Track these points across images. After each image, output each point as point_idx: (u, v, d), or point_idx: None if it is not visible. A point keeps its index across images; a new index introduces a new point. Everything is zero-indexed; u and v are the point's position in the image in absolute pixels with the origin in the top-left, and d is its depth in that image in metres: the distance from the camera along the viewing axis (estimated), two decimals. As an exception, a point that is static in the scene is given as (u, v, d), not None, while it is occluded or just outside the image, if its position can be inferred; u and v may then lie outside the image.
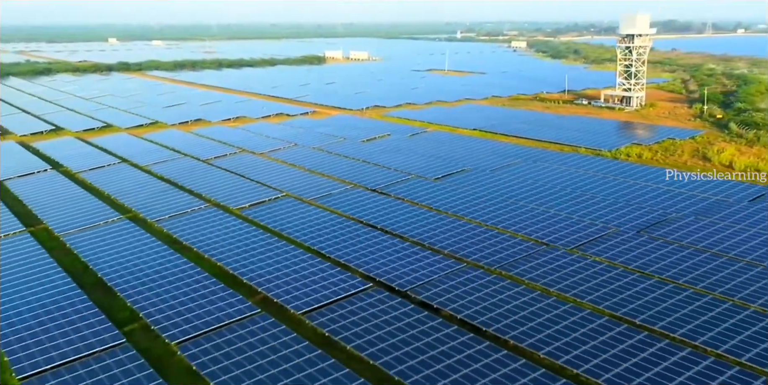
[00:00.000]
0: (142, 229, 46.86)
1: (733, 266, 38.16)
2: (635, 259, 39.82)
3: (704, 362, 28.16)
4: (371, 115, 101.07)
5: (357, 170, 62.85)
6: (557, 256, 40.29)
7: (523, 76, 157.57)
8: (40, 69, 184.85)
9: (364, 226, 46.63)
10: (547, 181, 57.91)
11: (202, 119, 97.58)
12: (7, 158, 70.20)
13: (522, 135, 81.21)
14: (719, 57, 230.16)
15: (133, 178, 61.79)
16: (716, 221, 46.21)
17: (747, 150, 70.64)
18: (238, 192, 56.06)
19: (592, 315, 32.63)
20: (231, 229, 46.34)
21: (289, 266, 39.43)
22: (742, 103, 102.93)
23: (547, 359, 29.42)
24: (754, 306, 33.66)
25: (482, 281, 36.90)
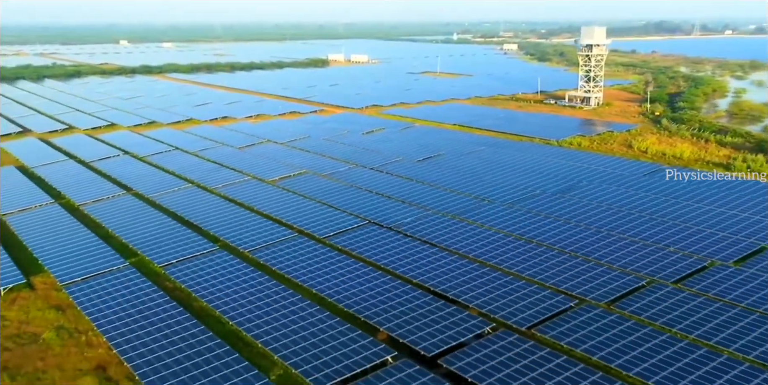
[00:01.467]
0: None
1: (621, 213, 56.94)
2: (555, 211, 58.44)
3: (519, 283, 46.98)
4: (370, 112, 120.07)
5: (358, 155, 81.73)
6: (494, 209, 59.16)
7: (506, 78, 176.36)
8: (71, 72, 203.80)
9: (364, 191, 65.44)
10: (500, 162, 76.88)
11: (228, 117, 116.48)
12: (82, 148, 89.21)
13: (492, 129, 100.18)
14: (692, 59, 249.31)
15: (186, 160, 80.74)
16: (621, 188, 64.91)
17: (665, 140, 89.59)
18: (269, 169, 74.93)
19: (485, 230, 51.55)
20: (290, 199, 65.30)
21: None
22: (683, 103, 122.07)
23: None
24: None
25: (446, 223, 55.77)
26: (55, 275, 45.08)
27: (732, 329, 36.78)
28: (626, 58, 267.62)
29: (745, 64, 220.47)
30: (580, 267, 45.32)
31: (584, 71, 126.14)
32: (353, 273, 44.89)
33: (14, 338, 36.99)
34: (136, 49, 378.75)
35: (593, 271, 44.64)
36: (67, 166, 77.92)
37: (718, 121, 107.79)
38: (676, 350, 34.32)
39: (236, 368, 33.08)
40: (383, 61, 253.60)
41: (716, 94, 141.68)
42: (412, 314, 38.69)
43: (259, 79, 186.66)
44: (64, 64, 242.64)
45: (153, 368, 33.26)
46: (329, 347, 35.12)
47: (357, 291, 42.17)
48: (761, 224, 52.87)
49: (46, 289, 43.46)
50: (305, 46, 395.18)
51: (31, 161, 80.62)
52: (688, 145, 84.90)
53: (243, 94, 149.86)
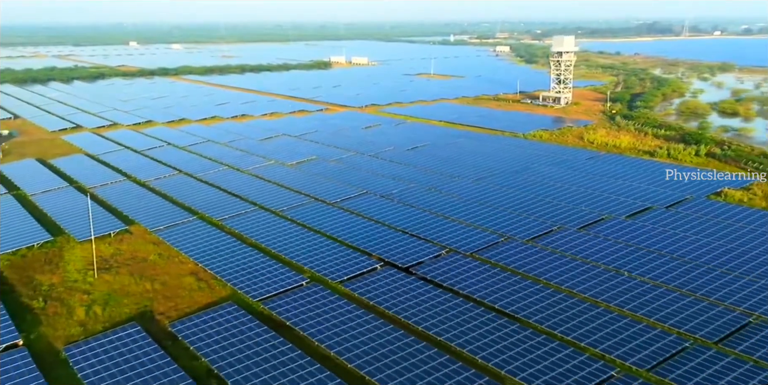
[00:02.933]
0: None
1: (555, 185, 75.50)
2: (507, 184, 76.87)
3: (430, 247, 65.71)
4: (369, 111, 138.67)
5: (359, 145, 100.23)
6: (462, 183, 77.70)
7: (493, 79, 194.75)
8: (95, 74, 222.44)
9: (363, 171, 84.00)
10: (473, 150, 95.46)
11: (246, 114, 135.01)
12: (130, 140, 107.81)
13: (472, 124, 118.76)
14: (669, 61, 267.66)
15: (218, 149, 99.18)
16: (567, 170, 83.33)
17: (612, 133, 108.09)
18: (287, 156, 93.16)
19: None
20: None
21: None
22: (641, 102, 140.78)
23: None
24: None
25: (425, 193, 74.32)
26: (144, 225, 63.68)
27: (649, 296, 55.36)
28: (610, 59, 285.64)
29: (716, 66, 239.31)
30: (509, 214, 63.94)
31: (555, 74, 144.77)
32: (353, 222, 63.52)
33: (130, 260, 55.57)
34: (146, 50, 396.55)
35: (518, 218, 63.21)
36: (125, 154, 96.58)
37: (667, 118, 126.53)
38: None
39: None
40: (382, 63, 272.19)
41: (675, 94, 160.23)
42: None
43: (268, 80, 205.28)
44: (85, 66, 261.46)
45: (229, 274, 51.89)
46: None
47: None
48: (652, 193, 71.56)
49: (140, 234, 62.02)
50: (308, 48, 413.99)
51: (94, 150, 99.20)
52: (629, 138, 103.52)
53: (256, 95, 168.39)
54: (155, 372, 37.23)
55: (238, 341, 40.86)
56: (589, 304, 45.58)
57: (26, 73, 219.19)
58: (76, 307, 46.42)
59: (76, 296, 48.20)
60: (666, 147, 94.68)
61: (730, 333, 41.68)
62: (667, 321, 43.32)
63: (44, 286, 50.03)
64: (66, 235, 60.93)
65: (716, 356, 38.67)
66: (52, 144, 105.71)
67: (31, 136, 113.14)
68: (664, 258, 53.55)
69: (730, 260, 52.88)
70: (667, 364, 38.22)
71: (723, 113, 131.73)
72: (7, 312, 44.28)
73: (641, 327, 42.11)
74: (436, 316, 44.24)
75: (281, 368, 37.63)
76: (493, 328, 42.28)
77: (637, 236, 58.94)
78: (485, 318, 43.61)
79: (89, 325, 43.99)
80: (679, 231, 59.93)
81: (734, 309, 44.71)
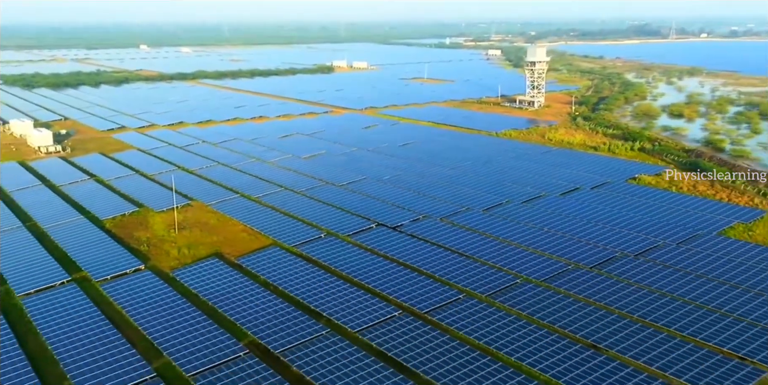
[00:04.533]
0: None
1: (505, 171, 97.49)
2: (475, 171, 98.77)
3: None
4: (368, 113, 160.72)
5: (359, 142, 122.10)
6: (441, 170, 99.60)
7: (480, 83, 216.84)
8: (120, 78, 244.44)
9: (363, 162, 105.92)
10: (452, 146, 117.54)
11: (263, 116, 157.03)
12: (171, 138, 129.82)
13: (455, 124, 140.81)
14: (645, 65, 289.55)
15: (245, 146, 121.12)
16: (524, 161, 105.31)
17: (570, 132, 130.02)
18: (302, 151, 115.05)
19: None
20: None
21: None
22: (603, 105, 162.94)
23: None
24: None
25: (413, 178, 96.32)
26: (201, 201, 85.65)
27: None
28: (592, 63, 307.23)
29: (686, 70, 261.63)
30: (472, 192, 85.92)
31: (530, 80, 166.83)
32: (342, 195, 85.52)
33: (196, 223, 77.42)
34: (157, 53, 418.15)
35: (478, 195, 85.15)
36: (169, 149, 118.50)
37: (622, 119, 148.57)
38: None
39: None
40: (380, 67, 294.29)
41: (636, 98, 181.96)
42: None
43: (278, 84, 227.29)
44: (107, 70, 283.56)
45: (269, 230, 73.88)
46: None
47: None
48: (583, 178, 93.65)
49: (199, 206, 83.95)
50: (310, 51, 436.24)
51: (143, 146, 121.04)
52: (583, 136, 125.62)
53: (268, 98, 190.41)
54: (234, 284, 59.08)
55: (282, 267, 62.79)
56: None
57: (58, 78, 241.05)
58: (170, 250, 68.53)
59: (167, 244, 70.30)
60: (609, 143, 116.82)
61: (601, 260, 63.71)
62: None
63: (143, 238, 72.07)
64: (145, 207, 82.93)
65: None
66: (106, 142, 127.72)
67: (85, 135, 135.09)
68: (575, 219, 75.49)
69: (619, 220, 74.87)
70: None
71: (672, 115, 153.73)
72: (127, 250, 66.45)
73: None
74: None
75: (310, 278, 59.57)
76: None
77: (567, 208, 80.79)
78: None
79: (182, 260, 66.00)
80: (594, 204, 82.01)
81: (604, 247, 66.72)
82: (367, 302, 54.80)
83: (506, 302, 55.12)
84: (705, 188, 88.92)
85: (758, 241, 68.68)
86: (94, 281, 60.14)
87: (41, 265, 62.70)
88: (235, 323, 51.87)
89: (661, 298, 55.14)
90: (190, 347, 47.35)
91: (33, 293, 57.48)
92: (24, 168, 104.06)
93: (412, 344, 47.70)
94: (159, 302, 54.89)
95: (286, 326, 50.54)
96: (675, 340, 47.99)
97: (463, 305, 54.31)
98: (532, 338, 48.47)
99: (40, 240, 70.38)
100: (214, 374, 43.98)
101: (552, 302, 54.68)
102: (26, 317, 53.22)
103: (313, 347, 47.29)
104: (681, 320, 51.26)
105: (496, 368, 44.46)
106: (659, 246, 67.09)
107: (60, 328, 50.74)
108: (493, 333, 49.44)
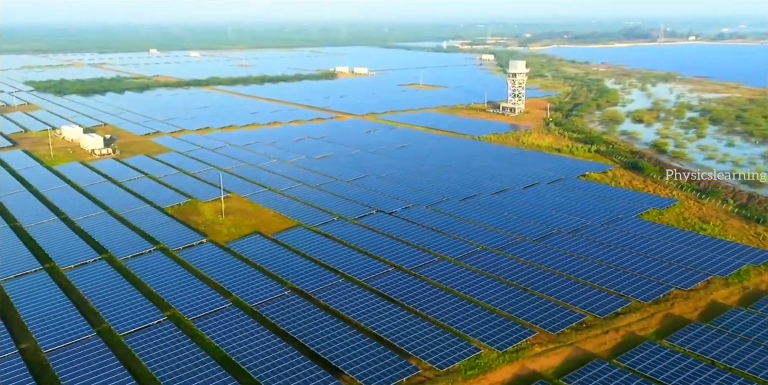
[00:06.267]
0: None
1: (480, 170, 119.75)
2: (457, 168, 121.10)
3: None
4: (369, 118, 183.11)
5: (362, 144, 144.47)
6: (429, 169, 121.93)
7: (470, 89, 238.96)
8: (142, 85, 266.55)
9: (365, 162, 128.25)
10: (439, 148, 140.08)
11: (277, 121, 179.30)
12: (201, 142, 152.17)
13: (444, 129, 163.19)
14: (625, 71, 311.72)
15: (267, 149, 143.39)
16: (498, 161, 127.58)
17: (542, 136, 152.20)
18: (314, 152, 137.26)
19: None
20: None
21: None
22: (575, 111, 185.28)
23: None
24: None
25: (407, 175, 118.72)
26: (238, 194, 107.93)
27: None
28: (577, 69, 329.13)
29: (662, 76, 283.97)
30: (453, 186, 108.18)
31: (512, 89, 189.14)
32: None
33: (236, 210, 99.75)
34: (168, 58, 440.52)
35: (456, 188, 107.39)
36: (203, 152, 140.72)
37: (591, 124, 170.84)
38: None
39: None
40: (380, 73, 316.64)
41: (608, 104, 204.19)
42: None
43: (286, 90, 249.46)
44: (126, 76, 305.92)
45: (293, 214, 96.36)
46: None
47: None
48: (543, 175, 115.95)
49: (236, 198, 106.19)
50: (313, 55, 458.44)
51: (180, 149, 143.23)
52: (551, 140, 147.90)
53: (279, 104, 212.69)
54: (273, 251, 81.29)
55: (306, 240, 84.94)
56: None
57: (84, 84, 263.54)
58: (221, 229, 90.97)
59: (217, 225, 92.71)
60: (571, 146, 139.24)
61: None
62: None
63: (198, 221, 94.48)
64: (195, 199, 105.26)
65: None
66: (147, 145, 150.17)
67: (126, 139, 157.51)
68: (530, 206, 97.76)
69: (563, 207, 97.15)
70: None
71: (634, 120, 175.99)
72: (190, 229, 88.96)
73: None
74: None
75: (327, 247, 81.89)
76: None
77: (526, 199, 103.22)
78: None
79: (231, 236, 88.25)
80: (548, 195, 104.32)
81: (547, 226, 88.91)
82: (369, 262, 77.20)
83: (469, 263, 77.45)
84: (639, 183, 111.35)
85: (665, 223, 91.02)
86: (171, 250, 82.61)
87: (131, 241, 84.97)
88: (276, 275, 74.33)
89: (585, 261, 77.25)
90: (253, 287, 69.96)
91: (130, 257, 79.90)
92: (87, 168, 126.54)
93: (404, 288, 69.99)
94: (223, 263, 77.41)
95: (314, 277, 72.92)
96: (594, 289, 70.07)
97: (438, 264, 76.72)
98: (483, 285, 70.89)
99: (122, 223, 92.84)
100: (270, 304, 66.43)
101: (502, 262, 77.00)
102: (132, 274, 75.41)
103: (334, 290, 69.66)
104: (599, 276, 72.98)
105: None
106: (588, 226, 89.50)
107: (161, 279, 72.97)
108: (461, 283, 71.74)
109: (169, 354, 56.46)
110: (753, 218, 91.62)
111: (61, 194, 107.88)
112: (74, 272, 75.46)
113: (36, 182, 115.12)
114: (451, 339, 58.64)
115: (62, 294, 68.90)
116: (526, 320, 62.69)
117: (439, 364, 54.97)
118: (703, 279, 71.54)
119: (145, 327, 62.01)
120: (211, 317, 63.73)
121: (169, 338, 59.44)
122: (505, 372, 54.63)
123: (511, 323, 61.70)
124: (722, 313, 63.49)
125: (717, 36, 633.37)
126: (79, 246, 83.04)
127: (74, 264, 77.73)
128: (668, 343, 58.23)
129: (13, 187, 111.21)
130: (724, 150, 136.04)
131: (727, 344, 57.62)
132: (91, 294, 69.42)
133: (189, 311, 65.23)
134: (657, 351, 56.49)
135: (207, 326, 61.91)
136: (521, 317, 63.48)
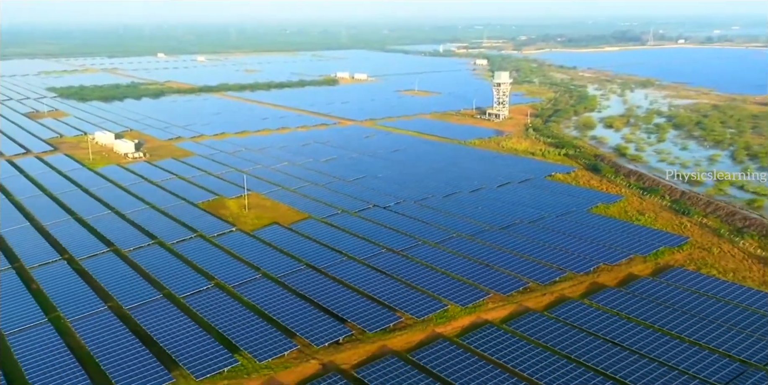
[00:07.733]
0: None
1: (473, 174, 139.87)
2: (443, 170, 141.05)
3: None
4: (367, 124, 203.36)
5: (361, 148, 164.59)
6: (421, 170, 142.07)
7: (461, 96, 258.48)
8: (157, 91, 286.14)
9: (363, 164, 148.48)
10: (429, 151, 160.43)
11: (285, 127, 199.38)
12: (219, 146, 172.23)
13: (434, 134, 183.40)
14: (609, 77, 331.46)
15: (278, 152, 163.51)
16: (479, 163, 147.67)
17: (520, 141, 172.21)
18: (320, 156, 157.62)
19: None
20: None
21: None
22: (554, 117, 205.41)
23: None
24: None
25: (398, 174, 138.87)
26: (257, 191, 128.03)
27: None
28: (564, 74, 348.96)
29: (641, 81, 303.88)
30: (438, 185, 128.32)
31: (497, 97, 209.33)
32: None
33: (257, 205, 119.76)
34: (176, 62, 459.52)
35: (441, 186, 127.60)
36: (223, 155, 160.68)
37: (566, 130, 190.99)
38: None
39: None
40: (379, 78, 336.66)
41: (585, 110, 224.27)
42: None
43: (291, 96, 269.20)
44: (140, 82, 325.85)
45: (305, 208, 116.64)
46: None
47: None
48: (515, 175, 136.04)
49: (256, 195, 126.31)
50: (315, 60, 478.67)
51: (202, 153, 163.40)
52: (528, 144, 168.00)
53: (286, 111, 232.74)
54: (289, 237, 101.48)
55: (316, 229, 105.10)
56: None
57: (104, 91, 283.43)
58: (246, 220, 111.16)
59: (242, 217, 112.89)
60: (544, 150, 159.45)
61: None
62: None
63: (226, 214, 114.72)
64: (221, 196, 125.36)
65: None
66: (172, 149, 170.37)
67: (153, 144, 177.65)
68: (501, 202, 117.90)
69: (528, 202, 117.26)
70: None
71: (606, 126, 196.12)
72: (221, 220, 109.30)
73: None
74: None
75: (332, 234, 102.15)
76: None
77: (498, 195, 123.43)
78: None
79: (255, 226, 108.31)
80: (517, 192, 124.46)
81: (512, 218, 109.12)
82: (366, 246, 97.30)
83: (447, 246, 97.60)
84: (596, 183, 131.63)
85: (609, 215, 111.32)
86: (208, 236, 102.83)
87: (176, 229, 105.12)
88: (294, 255, 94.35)
89: (537, 244, 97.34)
90: (276, 264, 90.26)
91: (177, 242, 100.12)
92: (124, 169, 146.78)
93: (394, 264, 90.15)
94: (251, 246, 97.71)
95: (324, 257, 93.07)
96: (541, 265, 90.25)
97: (422, 247, 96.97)
98: (461, 265, 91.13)
99: (165, 215, 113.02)
100: (291, 276, 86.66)
101: (473, 245, 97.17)
102: (180, 254, 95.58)
103: (341, 266, 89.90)
104: (546, 255, 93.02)
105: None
106: (545, 217, 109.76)
107: (204, 258, 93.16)
108: (438, 260, 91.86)
109: (219, 309, 76.72)
110: (681, 210, 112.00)
111: (108, 192, 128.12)
112: (134, 253, 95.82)
113: (84, 182, 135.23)
114: (427, 299, 79.00)
115: (129, 268, 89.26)
116: (485, 286, 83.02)
117: (418, 315, 75.31)
118: (626, 257, 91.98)
119: (197, 292, 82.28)
120: (248, 285, 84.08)
121: (216, 298, 79.70)
122: (465, 321, 75.00)
123: (473, 288, 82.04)
124: (634, 281, 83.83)
125: (706, 39, 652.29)
126: (134, 233, 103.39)
127: (133, 247, 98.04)
128: (588, 301, 78.61)
129: (66, 187, 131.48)
130: (677, 153, 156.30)
131: (633, 302, 78.02)
132: (152, 269, 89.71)
133: (229, 280, 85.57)
134: (579, 305, 76.95)
135: (245, 291, 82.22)
136: (482, 284, 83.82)
